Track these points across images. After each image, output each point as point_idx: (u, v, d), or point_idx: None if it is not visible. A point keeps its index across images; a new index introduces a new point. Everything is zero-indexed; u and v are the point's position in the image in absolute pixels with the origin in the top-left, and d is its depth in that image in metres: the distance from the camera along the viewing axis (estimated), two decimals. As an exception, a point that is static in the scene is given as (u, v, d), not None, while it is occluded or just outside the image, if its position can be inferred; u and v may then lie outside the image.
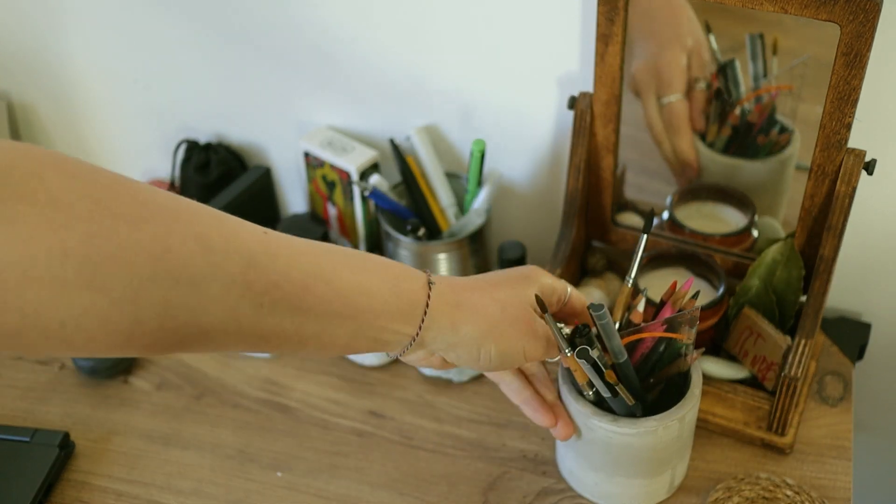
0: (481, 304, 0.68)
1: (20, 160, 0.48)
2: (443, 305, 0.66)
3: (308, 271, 0.59)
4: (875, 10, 0.76)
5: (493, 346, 0.68)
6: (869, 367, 1.07)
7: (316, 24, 1.03)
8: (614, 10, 0.86)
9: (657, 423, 0.77)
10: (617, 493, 0.83)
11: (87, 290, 0.49)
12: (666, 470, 0.83)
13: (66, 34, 1.15)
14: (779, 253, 0.92)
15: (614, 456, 0.80)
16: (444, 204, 1.05)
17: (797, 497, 0.85)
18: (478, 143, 1.00)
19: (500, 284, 0.71)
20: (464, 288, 0.69)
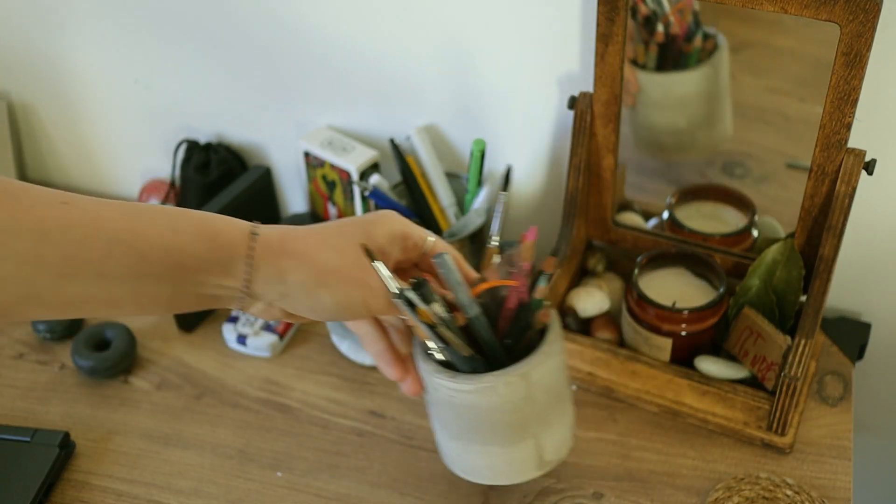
0: (314, 251, 0.65)
1: None
2: (268, 255, 0.64)
3: (109, 237, 0.60)
4: (875, 10, 0.76)
5: (327, 295, 0.66)
6: (869, 366, 1.07)
7: (316, 25, 1.04)
8: (614, 10, 0.86)
9: (495, 380, 0.71)
10: (478, 463, 0.78)
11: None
12: (526, 438, 0.76)
13: (66, 34, 1.15)
14: (779, 253, 0.92)
15: (462, 418, 0.75)
16: (444, 204, 1.05)
17: (797, 497, 0.85)
18: (478, 142, 1.00)
19: (342, 230, 0.68)
20: (295, 236, 0.66)
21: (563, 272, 0.98)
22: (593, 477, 0.89)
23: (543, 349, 0.73)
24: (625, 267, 1.03)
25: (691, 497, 0.86)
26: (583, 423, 0.94)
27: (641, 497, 0.87)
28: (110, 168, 1.27)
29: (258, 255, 0.64)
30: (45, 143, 1.28)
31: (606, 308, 0.99)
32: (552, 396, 0.76)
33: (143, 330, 1.05)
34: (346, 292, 0.66)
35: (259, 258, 0.64)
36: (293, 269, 0.65)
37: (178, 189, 1.18)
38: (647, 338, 0.93)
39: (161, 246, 0.61)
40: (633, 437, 0.92)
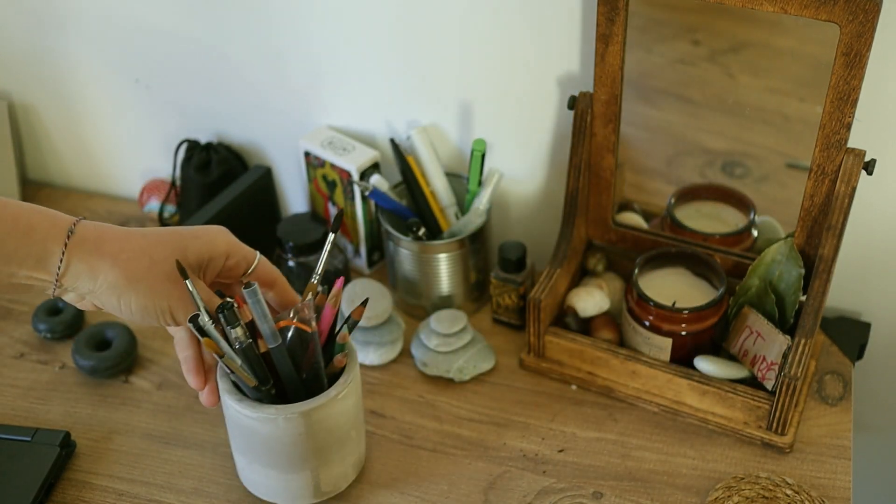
0: (128, 255, 0.69)
1: None
2: (81, 253, 0.67)
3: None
4: (875, 10, 0.76)
5: (132, 299, 0.69)
6: (868, 366, 1.08)
7: (317, 24, 1.04)
8: (614, 10, 0.87)
9: (277, 413, 0.77)
10: (258, 480, 0.84)
11: None
12: (304, 469, 0.81)
13: (66, 35, 1.15)
14: (779, 252, 0.92)
15: (246, 438, 0.80)
16: (444, 204, 1.05)
17: (797, 496, 0.85)
18: (478, 142, 1.00)
19: (161, 239, 0.71)
20: (113, 237, 0.69)
21: (563, 272, 0.98)
22: (593, 476, 0.89)
23: (331, 392, 0.78)
24: (625, 267, 1.03)
25: (691, 496, 0.87)
26: (583, 423, 0.94)
27: (641, 497, 0.87)
28: (111, 168, 1.27)
29: (70, 252, 0.67)
30: (46, 143, 1.28)
31: (606, 308, 0.99)
32: (333, 437, 0.81)
33: (143, 330, 1.05)
34: (152, 300, 0.70)
35: (71, 254, 0.67)
36: (104, 271, 0.68)
37: (178, 189, 1.18)
38: (647, 338, 0.93)
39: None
40: (633, 436, 0.92)
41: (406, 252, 1.02)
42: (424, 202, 1.04)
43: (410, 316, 1.07)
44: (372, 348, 1.00)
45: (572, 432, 0.93)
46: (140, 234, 0.70)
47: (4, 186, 1.24)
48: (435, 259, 1.01)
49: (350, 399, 0.80)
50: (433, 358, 0.99)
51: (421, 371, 1.00)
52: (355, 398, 0.82)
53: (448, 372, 0.98)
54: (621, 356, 0.94)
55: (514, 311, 1.03)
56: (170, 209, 1.20)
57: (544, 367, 0.99)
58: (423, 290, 1.04)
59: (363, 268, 1.14)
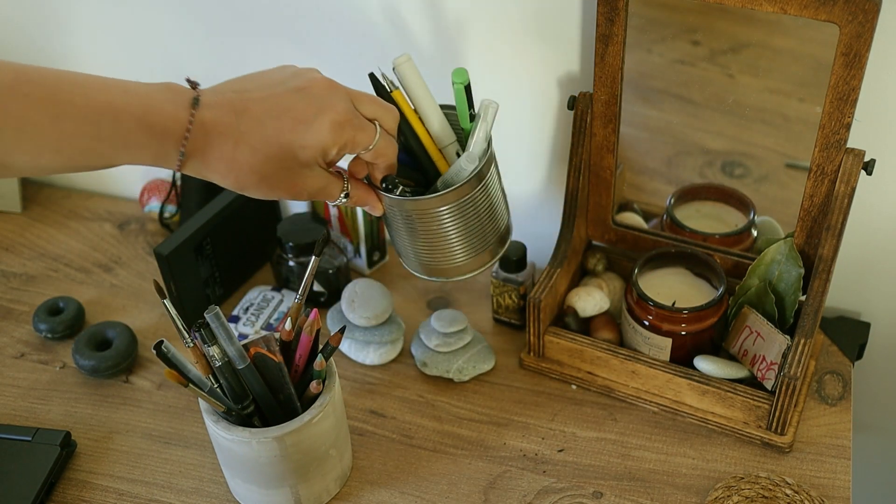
0: (237, 173, 0.68)
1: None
2: (192, 163, 0.67)
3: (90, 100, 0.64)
4: (874, 10, 0.76)
5: (250, 194, 0.70)
6: (868, 366, 1.08)
7: (317, 24, 1.04)
8: (614, 11, 0.87)
9: (251, 437, 0.78)
10: (243, 493, 0.85)
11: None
12: (282, 486, 0.82)
13: (67, 35, 1.15)
14: (778, 252, 0.92)
15: (225, 455, 0.82)
16: (443, 143, 0.83)
17: (796, 496, 0.85)
18: (458, 73, 0.80)
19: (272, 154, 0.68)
20: (222, 152, 0.67)
21: (563, 272, 0.98)
22: (593, 476, 0.89)
23: (304, 417, 0.79)
24: (625, 267, 1.04)
25: (691, 496, 0.87)
26: (583, 423, 0.94)
27: (641, 496, 0.87)
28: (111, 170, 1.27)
29: (185, 160, 0.67)
30: (46, 143, 1.28)
31: (606, 308, 0.99)
32: (310, 458, 0.82)
33: (144, 329, 1.05)
34: (269, 196, 0.71)
35: (186, 162, 0.67)
36: (217, 178, 0.69)
37: (178, 189, 1.18)
38: (647, 337, 0.93)
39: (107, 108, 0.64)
40: (633, 436, 0.92)
41: (399, 213, 0.80)
42: (419, 145, 0.82)
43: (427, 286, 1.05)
44: (372, 348, 1.00)
45: (572, 432, 0.93)
46: (249, 149, 0.67)
47: (6, 186, 1.24)
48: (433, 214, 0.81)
49: (326, 422, 0.81)
50: (433, 358, 0.99)
51: (421, 371, 1.00)
52: (333, 420, 0.82)
53: (448, 372, 0.98)
54: (621, 356, 0.94)
55: (514, 310, 1.03)
56: (170, 209, 1.20)
57: (544, 367, 0.99)
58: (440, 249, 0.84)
59: (363, 268, 1.14)
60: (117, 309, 1.10)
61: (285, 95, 0.69)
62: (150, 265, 1.15)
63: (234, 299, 1.11)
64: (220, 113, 0.67)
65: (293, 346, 0.82)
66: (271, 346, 0.80)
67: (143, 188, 1.22)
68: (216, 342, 0.77)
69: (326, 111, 0.69)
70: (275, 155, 0.68)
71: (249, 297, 1.08)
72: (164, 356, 0.75)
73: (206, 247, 1.05)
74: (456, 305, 1.09)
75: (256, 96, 0.68)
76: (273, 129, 0.68)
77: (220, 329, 0.76)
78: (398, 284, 1.12)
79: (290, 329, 0.81)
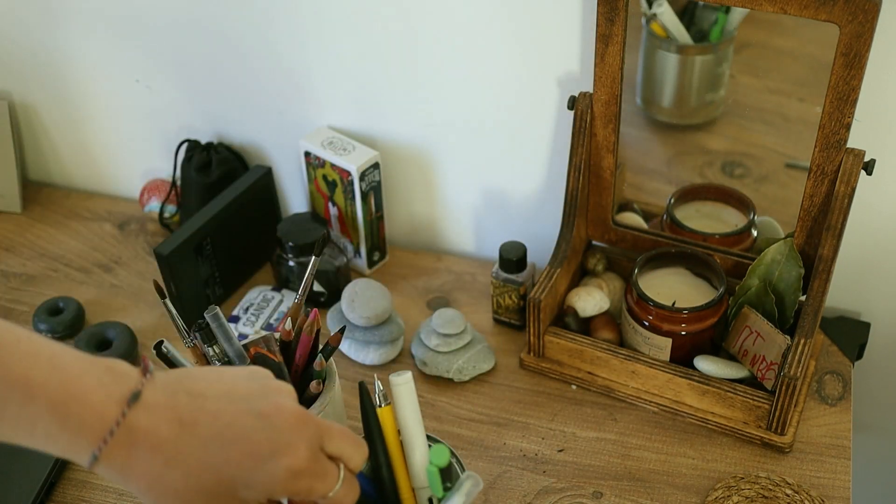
0: (157, 494, 0.56)
1: None
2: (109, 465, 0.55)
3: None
4: (874, 10, 0.76)
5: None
6: (868, 366, 1.08)
7: (316, 24, 1.04)
8: (614, 10, 0.87)
9: None
10: None
11: None
12: None
13: (67, 35, 1.15)
14: (778, 252, 0.92)
15: None
16: (417, 484, 0.73)
17: (796, 496, 0.85)
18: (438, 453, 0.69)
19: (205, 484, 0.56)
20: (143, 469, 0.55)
21: (563, 272, 0.98)
22: (593, 476, 0.89)
23: None
24: (625, 267, 1.04)
25: (691, 496, 0.87)
26: (583, 423, 0.94)
27: (641, 496, 0.87)
28: (111, 168, 1.27)
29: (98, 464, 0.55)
30: (47, 144, 1.28)
31: (606, 308, 0.99)
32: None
33: (144, 329, 1.05)
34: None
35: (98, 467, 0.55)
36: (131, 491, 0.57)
37: (178, 189, 1.18)
38: (647, 337, 0.93)
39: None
40: (633, 436, 0.92)
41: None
42: (391, 479, 0.73)
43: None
44: (372, 348, 1.00)
45: (572, 432, 0.93)
46: (183, 473, 0.56)
47: (6, 186, 1.24)
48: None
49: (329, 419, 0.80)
50: (433, 358, 0.99)
51: (421, 371, 1.00)
52: (333, 420, 0.81)
53: (448, 372, 0.98)
54: (621, 356, 0.94)
55: (514, 311, 1.03)
56: (170, 209, 1.20)
57: (544, 367, 0.99)
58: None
59: (363, 268, 1.14)
60: (117, 309, 1.10)
61: (243, 418, 0.57)
62: (150, 265, 1.15)
63: (234, 299, 1.11)
64: (160, 420, 0.55)
65: (293, 346, 0.82)
66: (271, 346, 0.80)
67: (144, 188, 1.22)
68: (216, 342, 0.76)
69: (285, 453, 0.57)
70: (210, 488, 0.56)
71: (249, 297, 1.08)
72: (164, 356, 0.75)
73: (206, 247, 1.05)
74: (456, 305, 1.09)
75: (211, 408, 0.57)
76: (217, 457, 0.56)
77: (220, 329, 0.76)
78: (398, 284, 1.12)
79: (290, 329, 0.81)
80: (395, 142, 1.10)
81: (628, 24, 0.88)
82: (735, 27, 0.92)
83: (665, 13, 0.91)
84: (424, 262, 1.15)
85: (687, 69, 0.96)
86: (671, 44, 0.94)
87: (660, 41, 0.94)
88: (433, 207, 1.15)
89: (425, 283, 1.12)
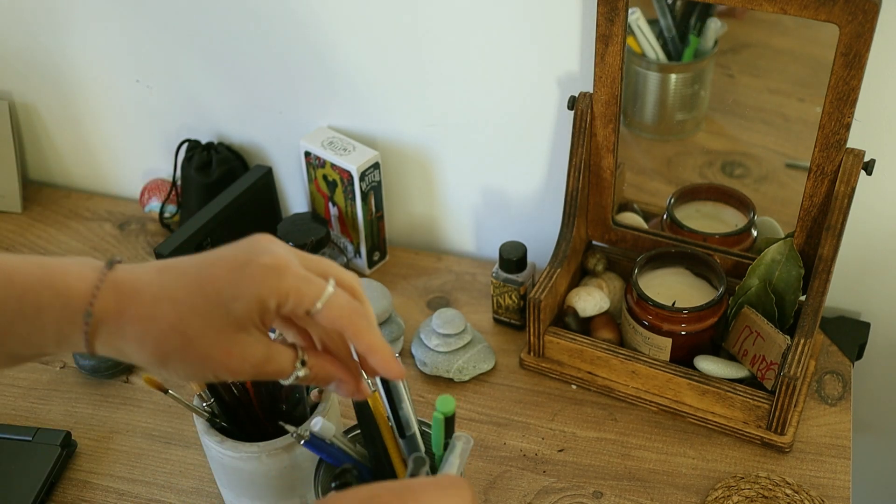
0: (156, 334, 0.56)
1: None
2: (104, 336, 0.57)
3: None
4: (874, 10, 0.76)
5: (169, 374, 0.58)
6: (868, 366, 1.08)
7: (316, 25, 1.04)
8: (614, 11, 0.87)
9: (260, 450, 0.74)
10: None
11: None
12: (292, 497, 0.79)
13: (67, 35, 1.15)
14: (778, 252, 0.92)
15: (230, 476, 0.78)
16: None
17: (796, 496, 0.85)
18: (444, 401, 0.68)
19: (197, 306, 0.56)
20: (138, 312, 0.56)
21: (563, 272, 0.98)
22: (593, 476, 0.89)
23: (309, 424, 0.72)
24: (625, 267, 1.04)
25: (691, 496, 0.87)
26: (583, 423, 0.94)
27: (641, 496, 0.87)
28: (112, 168, 1.27)
29: (92, 337, 0.56)
30: (47, 144, 1.28)
31: (606, 308, 0.99)
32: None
33: (144, 329, 1.05)
34: (191, 374, 0.58)
35: (93, 340, 0.57)
36: (132, 351, 0.57)
37: (179, 189, 1.18)
38: (647, 337, 0.93)
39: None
40: (633, 436, 0.93)
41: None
42: (386, 457, 0.72)
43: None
44: (372, 348, 1.00)
45: (572, 432, 0.93)
46: (170, 302, 0.56)
47: (6, 186, 1.24)
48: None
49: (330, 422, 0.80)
50: (433, 358, 0.99)
51: (421, 371, 1.00)
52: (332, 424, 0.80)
53: (448, 372, 0.98)
54: (621, 356, 0.94)
55: (514, 311, 1.03)
56: (171, 209, 1.20)
57: (544, 367, 0.99)
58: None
59: (363, 268, 1.14)
60: (117, 309, 1.10)
61: (219, 251, 0.59)
62: (151, 265, 1.15)
63: (234, 299, 1.11)
64: (139, 271, 0.57)
65: None
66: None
67: (144, 188, 1.22)
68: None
69: (262, 254, 0.57)
70: (201, 307, 0.56)
71: (250, 297, 1.08)
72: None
73: (207, 247, 1.05)
74: (456, 305, 1.09)
75: (185, 259, 0.58)
76: (199, 276, 0.57)
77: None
78: (398, 284, 1.12)
79: None
80: (395, 142, 1.10)
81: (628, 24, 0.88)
82: (712, 50, 0.93)
83: (639, 19, 0.92)
84: (424, 262, 1.15)
85: (659, 86, 0.97)
86: (643, 60, 0.95)
87: (635, 57, 0.95)
88: (433, 207, 1.15)
89: (425, 283, 1.12)
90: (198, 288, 0.56)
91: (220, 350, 0.56)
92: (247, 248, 0.58)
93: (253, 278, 0.56)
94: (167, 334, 0.56)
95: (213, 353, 0.56)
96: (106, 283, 0.56)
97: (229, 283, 0.56)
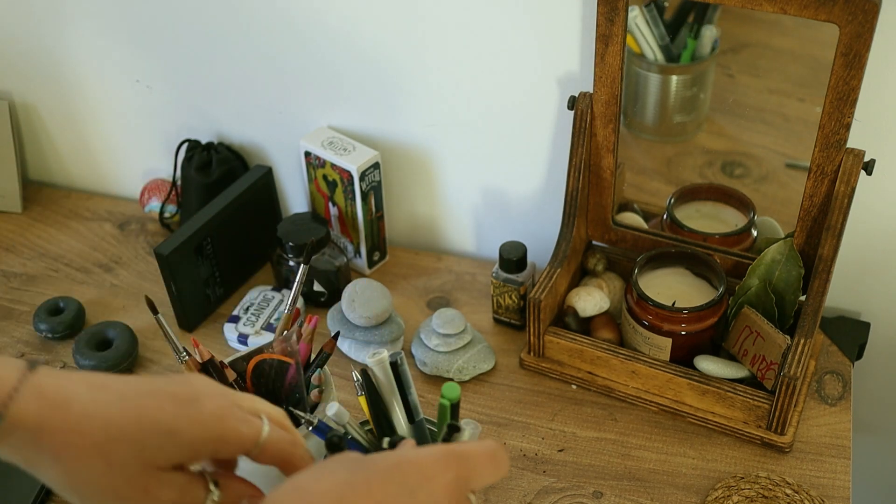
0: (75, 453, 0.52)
1: None
2: (15, 441, 0.52)
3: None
4: (874, 10, 0.76)
5: (73, 497, 0.54)
6: (868, 366, 1.08)
7: (316, 25, 1.04)
8: (614, 11, 0.87)
9: None
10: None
11: None
12: None
13: (68, 35, 1.15)
14: (778, 252, 0.92)
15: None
16: None
17: (796, 496, 0.85)
18: (450, 388, 0.70)
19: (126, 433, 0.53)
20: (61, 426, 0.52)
21: (563, 272, 0.98)
22: (593, 476, 0.89)
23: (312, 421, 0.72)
24: (625, 267, 1.04)
25: (691, 496, 0.87)
26: (583, 423, 0.94)
27: (641, 496, 0.87)
28: (112, 168, 1.27)
29: (16, 413, 0.52)
30: (47, 143, 1.28)
31: (606, 308, 0.99)
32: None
33: (144, 329, 1.05)
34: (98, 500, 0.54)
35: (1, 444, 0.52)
36: (43, 467, 0.53)
37: (179, 189, 1.18)
38: (647, 337, 0.93)
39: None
40: (633, 436, 0.93)
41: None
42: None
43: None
44: (372, 348, 1.00)
45: (572, 432, 0.93)
46: (102, 421, 0.52)
47: (6, 186, 1.24)
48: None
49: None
50: (433, 358, 0.99)
51: (421, 371, 1.00)
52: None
53: (448, 372, 0.98)
54: (621, 356, 0.94)
55: (514, 310, 1.03)
56: (171, 209, 1.20)
57: (544, 367, 0.99)
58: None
59: (363, 268, 1.14)
60: (117, 309, 1.10)
61: (157, 381, 0.56)
62: (151, 265, 1.15)
63: (234, 299, 1.11)
64: (65, 381, 0.53)
65: None
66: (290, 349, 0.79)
67: (144, 188, 1.22)
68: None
69: (207, 396, 0.56)
70: (133, 435, 0.53)
71: (249, 297, 1.08)
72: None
73: (206, 247, 1.05)
74: (456, 305, 1.09)
75: (117, 379, 0.56)
76: (139, 404, 0.54)
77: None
78: (398, 284, 1.12)
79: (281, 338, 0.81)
80: (395, 142, 1.10)
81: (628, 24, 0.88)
82: (710, 53, 0.93)
83: (637, 17, 0.92)
84: (424, 262, 1.15)
85: (660, 88, 0.97)
86: (643, 61, 0.95)
87: (635, 58, 0.95)
88: (433, 207, 1.15)
89: (425, 283, 1.12)
90: (135, 415, 0.53)
91: (137, 487, 0.53)
92: (187, 384, 0.56)
93: (196, 420, 0.54)
94: (88, 454, 0.52)
95: (128, 489, 0.53)
96: (27, 387, 0.52)
97: (172, 416, 0.54)
